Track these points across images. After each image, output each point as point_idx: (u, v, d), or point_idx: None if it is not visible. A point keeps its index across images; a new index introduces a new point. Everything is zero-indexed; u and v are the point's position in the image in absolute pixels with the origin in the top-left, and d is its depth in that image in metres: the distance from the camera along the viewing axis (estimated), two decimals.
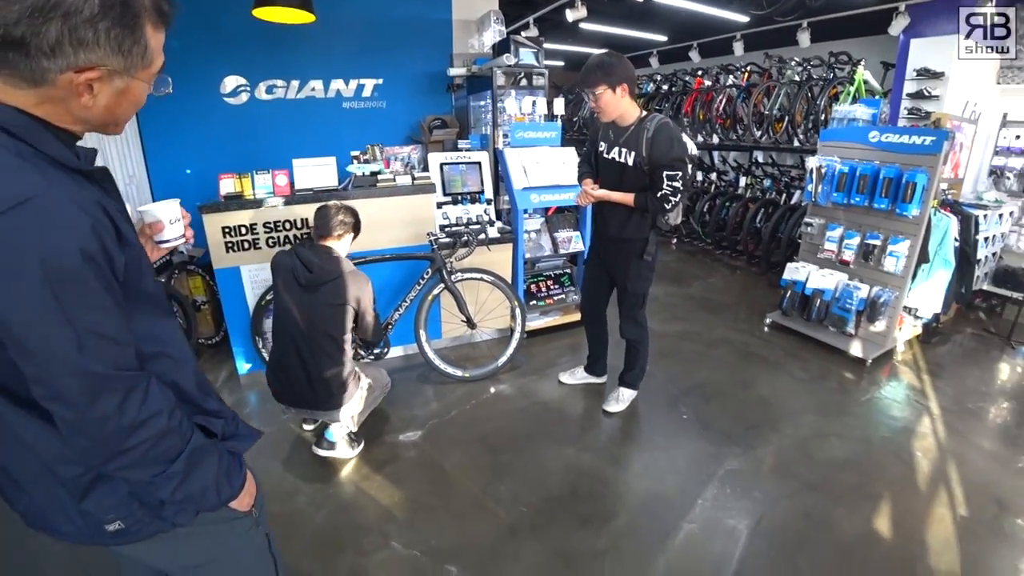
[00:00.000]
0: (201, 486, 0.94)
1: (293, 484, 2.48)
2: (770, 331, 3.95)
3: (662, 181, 2.29)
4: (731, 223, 5.58)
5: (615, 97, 2.32)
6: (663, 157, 2.28)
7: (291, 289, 2.41)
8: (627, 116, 2.40)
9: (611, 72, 2.26)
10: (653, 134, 2.30)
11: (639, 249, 2.57)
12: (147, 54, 0.83)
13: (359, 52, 4.48)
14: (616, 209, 2.56)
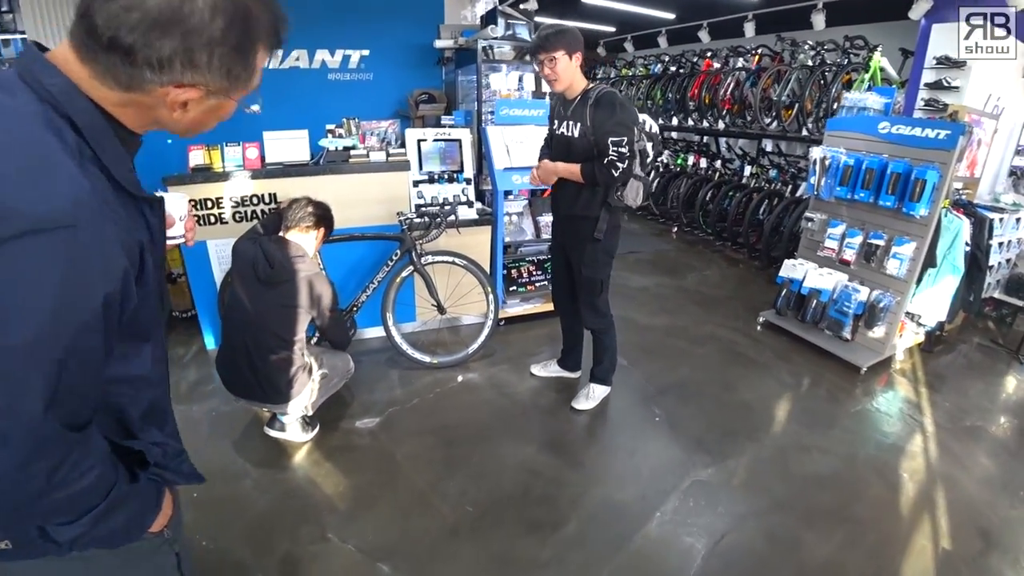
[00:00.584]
0: (108, 531, 0.86)
1: (242, 466, 2.41)
2: (762, 330, 3.75)
3: (607, 148, 2.19)
4: (733, 214, 5.32)
5: (570, 64, 2.24)
6: (606, 122, 2.20)
7: (247, 281, 2.30)
8: (575, 87, 2.32)
9: (569, 39, 2.20)
10: (595, 102, 2.23)
11: (590, 229, 2.42)
12: (252, 78, 0.78)
13: (346, 21, 4.29)
14: (566, 185, 2.45)
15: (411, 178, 3.34)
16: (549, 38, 2.19)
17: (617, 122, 2.18)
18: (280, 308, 2.29)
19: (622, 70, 7.83)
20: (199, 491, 2.19)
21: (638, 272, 4.96)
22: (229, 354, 2.40)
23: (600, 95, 2.23)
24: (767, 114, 5.09)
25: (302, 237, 2.38)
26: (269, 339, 2.30)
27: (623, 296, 4.33)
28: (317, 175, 3.15)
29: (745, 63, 5.52)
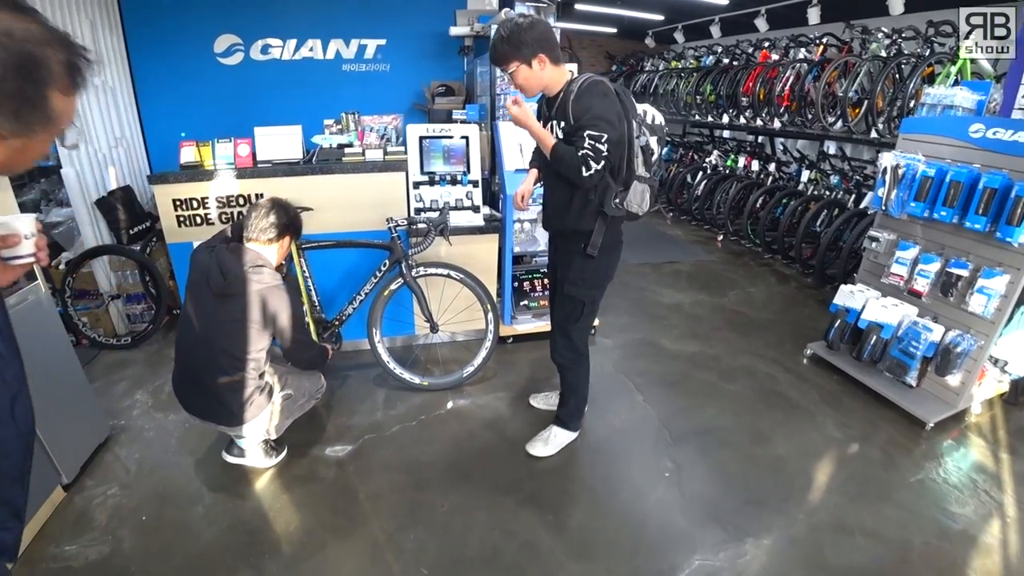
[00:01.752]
0: None
1: (198, 489, 2.26)
2: (809, 365, 3.21)
3: (583, 140, 1.81)
4: (785, 223, 4.71)
5: (533, 72, 1.90)
6: (584, 114, 1.84)
7: (199, 292, 2.09)
8: (555, 84, 1.96)
9: (520, 43, 1.84)
10: (576, 95, 1.86)
11: (582, 243, 2.07)
12: (53, 119, 0.77)
13: (361, 9, 4.07)
14: (555, 193, 2.09)
15: (412, 179, 3.05)
16: (496, 48, 1.88)
17: (596, 115, 1.81)
18: (230, 323, 2.05)
19: (671, 62, 7.24)
20: (147, 514, 2.12)
21: (672, 286, 4.47)
22: (180, 372, 2.21)
23: (583, 86, 1.86)
24: (831, 112, 4.45)
25: (263, 249, 2.13)
26: (220, 357, 2.07)
27: (650, 315, 3.89)
28: (307, 175, 2.93)
29: (808, 54, 4.88)
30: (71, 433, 2.30)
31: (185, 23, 3.77)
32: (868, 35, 4.33)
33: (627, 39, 8.95)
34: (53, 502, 2.14)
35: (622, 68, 8.57)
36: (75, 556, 1.93)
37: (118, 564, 1.90)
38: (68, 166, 3.24)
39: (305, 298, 2.88)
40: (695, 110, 6.39)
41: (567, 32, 8.58)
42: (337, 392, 2.93)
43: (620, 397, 2.88)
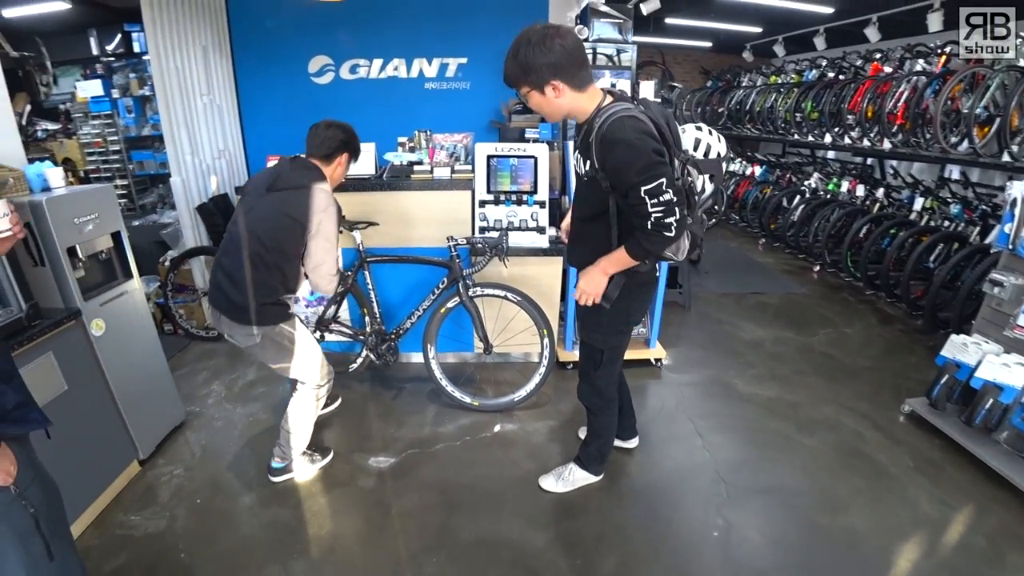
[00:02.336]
0: None
1: (249, 480, 2.42)
2: (906, 424, 2.79)
3: (644, 204, 1.51)
4: (891, 256, 4.18)
5: (547, 99, 1.61)
6: (626, 170, 1.52)
7: (252, 192, 2.11)
8: (580, 112, 1.67)
9: (529, 66, 1.56)
10: (601, 138, 1.56)
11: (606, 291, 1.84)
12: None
13: (444, 29, 4.18)
14: (579, 226, 1.90)
15: (477, 198, 3.06)
16: (506, 68, 1.63)
17: (640, 168, 1.49)
18: (275, 215, 2.00)
19: (770, 77, 6.77)
20: (202, 498, 2.29)
21: (755, 320, 4.12)
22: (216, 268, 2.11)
23: (605, 128, 1.55)
24: (953, 131, 3.91)
25: (322, 164, 2.14)
26: (255, 246, 1.99)
27: (725, 350, 3.60)
28: (376, 191, 3.01)
29: (927, 66, 4.32)
30: (151, 414, 2.55)
31: (284, 46, 4.09)
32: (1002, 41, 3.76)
33: (723, 53, 8.51)
34: (129, 474, 2.39)
35: (717, 84, 8.16)
36: (137, 526, 2.14)
37: (169, 541, 2.07)
38: (176, 175, 3.62)
39: (366, 309, 2.98)
40: (794, 128, 5.92)
41: (659, 47, 8.33)
42: (390, 403, 2.99)
43: (678, 439, 2.67)
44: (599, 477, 2.33)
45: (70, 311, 2.07)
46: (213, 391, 3.12)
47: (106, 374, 2.24)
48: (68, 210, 2.06)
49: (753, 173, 6.89)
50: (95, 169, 4.82)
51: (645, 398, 3.04)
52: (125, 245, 2.38)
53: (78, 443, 2.09)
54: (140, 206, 4.79)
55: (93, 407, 2.20)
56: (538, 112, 1.72)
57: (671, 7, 5.67)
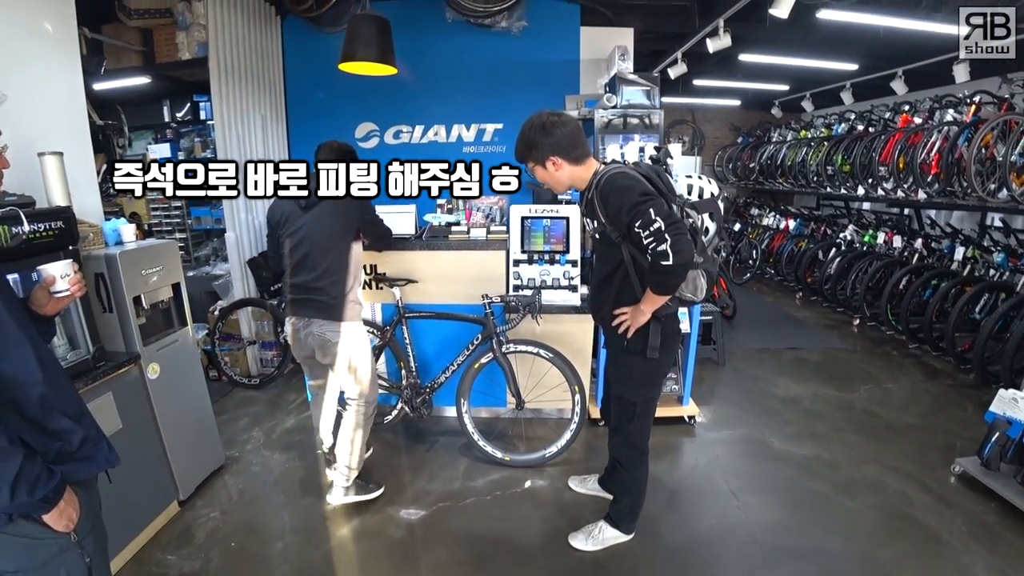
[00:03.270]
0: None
1: (283, 526, 2.48)
2: (957, 486, 2.65)
3: (640, 240, 1.68)
4: (934, 308, 4.06)
5: (549, 172, 1.88)
6: (620, 212, 1.73)
7: (288, 221, 2.41)
8: (579, 182, 1.91)
9: (533, 146, 1.85)
10: (600, 196, 1.79)
11: (634, 343, 1.93)
12: None
13: (482, 97, 4.49)
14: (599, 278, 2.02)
15: (512, 257, 3.17)
16: (516, 146, 1.92)
17: (629, 207, 1.69)
18: (326, 216, 2.35)
19: (800, 131, 6.86)
20: (236, 541, 2.35)
21: (791, 375, 4.03)
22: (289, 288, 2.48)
23: (601, 183, 1.79)
24: (990, 179, 3.86)
25: None
26: (318, 255, 2.36)
27: (760, 408, 3.53)
28: (416, 250, 3.16)
29: (957, 115, 4.33)
30: (193, 457, 2.66)
31: (333, 115, 4.45)
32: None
33: (752, 109, 8.69)
34: (169, 513, 2.49)
35: (748, 140, 8.30)
36: (172, 566, 2.21)
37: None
38: (231, 230, 3.91)
39: (403, 363, 3.08)
40: (827, 181, 5.93)
41: (689, 106, 8.58)
42: (423, 455, 3.03)
43: (711, 499, 2.61)
44: (630, 536, 2.29)
45: (131, 355, 2.25)
46: (252, 437, 3.23)
47: (157, 416, 2.38)
48: (137, 263, 2.27)
49: (787, 227, 6.87)
50: (158, 223, 5.24)
51: (678, 456, 2.99)
52: (183, 296, 2.58)
53: (126, 480, 2.19)
54: (195, 258, 5.13)
55: (142, 447, 2.33)
56: (544, 183, 1.95)
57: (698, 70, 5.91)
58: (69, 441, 1.22)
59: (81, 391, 1.97)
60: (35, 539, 1.18)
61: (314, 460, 2.99)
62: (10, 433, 1.08)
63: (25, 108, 2.19)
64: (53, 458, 1.18)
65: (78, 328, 2.06)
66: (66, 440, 1.21)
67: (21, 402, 1.13)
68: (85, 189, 2.45)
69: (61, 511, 1.17)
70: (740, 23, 4.03)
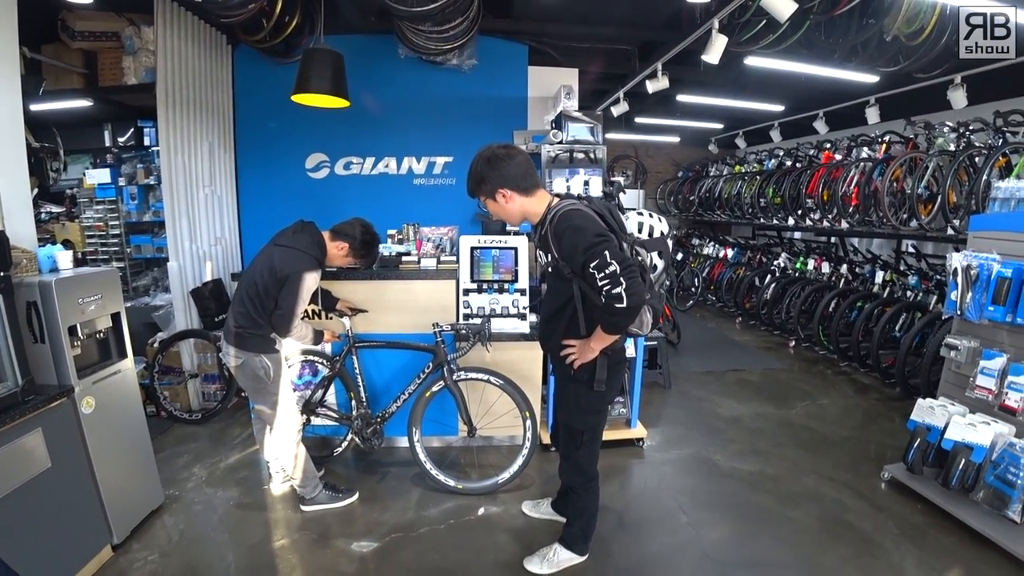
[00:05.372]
0: None
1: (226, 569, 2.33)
2: (887, 491, 2.83)
3: (595, 280, 1.69)
4: (859, 328, 4.38)
5: (500, 205, 1.91)
6: (575, 252, 1.73)
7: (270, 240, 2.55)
8: (532, 215, 1.94)
9: (482, 179, 1.88)
10: (554, 233, 1.81)
11: (580, 373, 1.96)
12: None
13: (433, 131, 4.59)
14: (548, 308, 2.05)
15: (461, 286, 3.21)
16: (467, 181, 1.96)
17: (583, 248, 1.70)
18: (264, 263, 2.41)
19: (735, 167, 7.35)
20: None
21: (734, 396, 4.21)
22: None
23: (555, 221, 1.80)
24: (901, 209, 4.26)
25: (328, 237, 2.56)
26: (247, 283, 2.43)
27: (706, 428, 3.66)
28: (367, 279, 3.14)
29: (871, 152, 4.79)
30: (129, 497, 2.50)
31: (283, 144, 4.45)
32: (932, 130, 4.23)
33: (691, 146, 9.25)
34: (101, 559, 2.30)
35: (688, 174, 8.79)
36: None
37: None
38: (174, 259, 3.77)
39: (353, 393, 3.03)
40: (760, 212, 6.35)
41: (632, 143, 9.03)
42: (374, 486, 2.95)
43: (661, 518, 2.66)
44: (584, 557, 2.30)
45: (63, 388, 2.12)
46: (194, 474, 3.06)
47: (90, 453, 2.23)
48: (74, 291, 2.17)
49: (726, 255, 7.27)
50: (93, 251, 4.99)
51: (627, 478, 3.05)
52: (123, 325, 2.47)
53: (52, 524, 2.05)
54: (133, 287, 4.90)
55: (73, 487, 2.17)
56: (497, 216, 1.99)
57: (640, 108, 6.28)
58: None
59: (7, 427, 1.85)
60: None
61: (261, 495, 2.86)
62: None
63: None
64: None
65: (5, 359, 1.93)
66: None
67: None
68: (18, 214, 2.33)
69: None
70: (677, 66, 4.34)
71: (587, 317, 1.89)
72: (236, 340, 2.44)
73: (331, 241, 2.54)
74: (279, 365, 2.55)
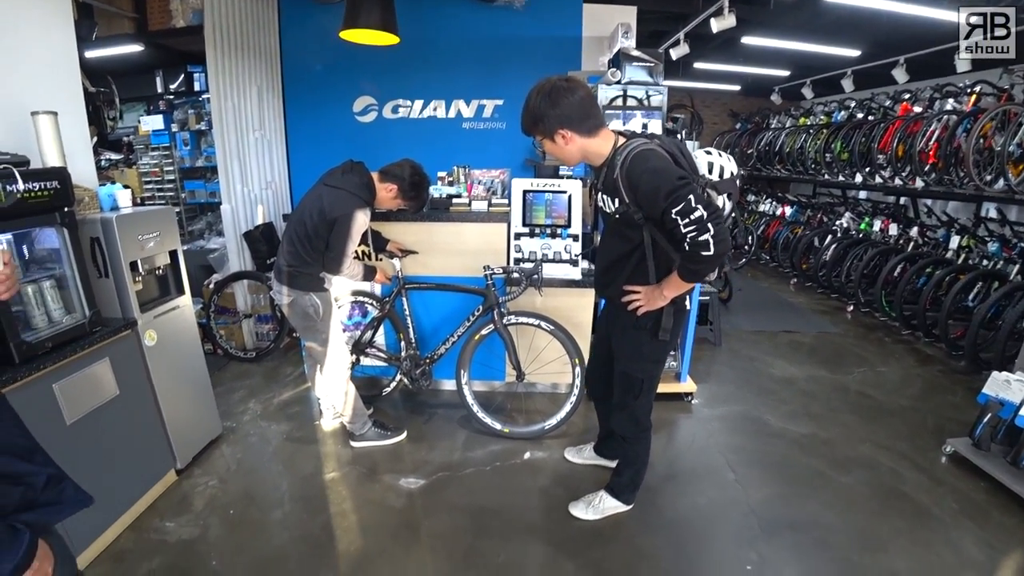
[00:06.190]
0: None
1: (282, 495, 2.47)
2: (948, 466, 2.70)
3: (678, 227, 1.57)
4: (927, 295, 4.11)
5: (557, 147, 1.75)
6: (655, 197, 1.59)
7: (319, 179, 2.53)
8: (594, 156, 1.77)
9: (540, 117, 1.69)
10: (628, 176, 1.65)
11: (645, 321, 1.89)
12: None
13: (482, 73, 4.41)
14: (610, 253, 1.93)
15: (512, 230, 3.16)
16: (522, 118, 1.77)
17: (667, 192, 1.56)
18: (313, 204, 2.39)
19: (800, 119, 6.86)
20: (235, 509, 2.34)
21: (786, 357, 4.07)
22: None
23: (628, 163, 1.65)
24: (987, 169, 3.89)
25: (380, 184, 2.51)
26: (296, 223, 2.43)
27: (758, 388, 3.56)
28: (417, 221, 3.13)
29: (957, 105, 4.35)
30: (191, 426, 2.65)
31: (331, 87, 4.37)
32: None
33: (752, 96, 8.68)
34: (166, 482, 2.48)
35: (747, 126, 8.30)
36: (171, 532, 2.21)
37: (201, 549, 2.13)
38: (227, 203, 3.84)
39: (402, 334, 3.07)
40: (824, 169, 5.95)
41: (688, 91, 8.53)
42: (421, 427, 3.03)
43: (709, 473, 2.63)
44: (630, 506, 2.31)
45: (127, 320, 2.22)
46: (249, 408, 3.21)
47: (153, 383, 2.35)
48: (134, 227, 2.23)
49: (783, 213, 6.90)
50: (151, 196, 5.16)
51: (675, 431, 3.02)
52: (180, 263, 2.54)
53: (123, 448, 2.20)
54: (189, 232, 5.07)
55: (139, 414, 2.31)
56: (553, 156, 1.84)
57: (700, 52, 5.88)
58: (31, 484, 1.00)
59: (79, 355, 1.95)
60: None
61: (312, 430, 2.98)
62: None
63: (18, 68, 2.13)
64: (15, 508, 0.97)
65: (74, 293, 2.02)
66: (28, 483, 1.00)
67: None
68: (79, 154, 2.39)
69: (35, 571, 0.97)
70: (745, 4, 4.00)
71: (658, 264, 1.80)
72: (287, 279, 2.47)
73: (380, 182, 2.50)
74: (328, 304, 2.58)
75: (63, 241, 1.96)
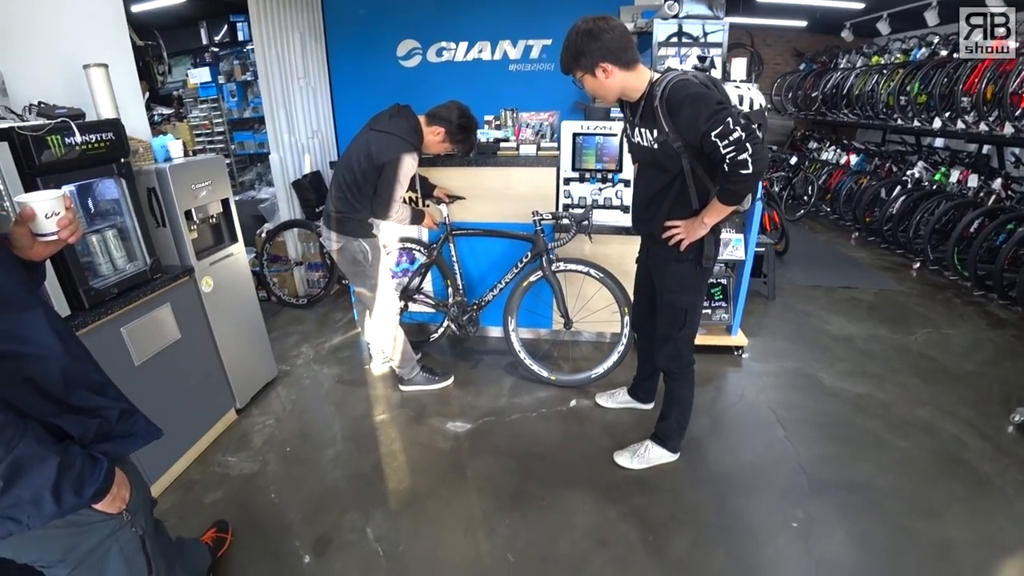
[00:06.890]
0: (33, 495, 0.90)
1: (335, 435, 2.60)
2: (1016, 435, 2.54)
3: (717, 149, 1.62)
4: (1006, 255, 3.79)
5: (599, 81, 1.76)
6: (696, 121, 1.64)
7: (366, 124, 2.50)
8: (632, 91, 1.80)
9: (581, 52, 1.73)
10: (668, 104, 1.69)
11: (687, 252, 1.93)
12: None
13: (529, 12, 4.19)
14: (647, 190, 1.97)
15: (562, 175, 3.07)
16: (562, 56, 1.80)
17: (708, 116, 1.61)
18: (361, 148, 2.38)
19: (872, 58, 6.27)
20: (291, 447, 2.48)
21: (844, 314, 3.89)
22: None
23: (670, 89, 1.68)
24: None
25: (424, 122, 2.47)
26: (343, 168, 2.45)
27: (812, 344, 3.43)
28: (464, 166, 3.08)
29: None
30: (248, 368, 2.78)
31: (374, 32, 4.26)
32: None
33: (819, 33, 7.94)
34: (227, 420, 2.65)
35: (812, 67, 7.66)
36: (233, 467, 2.37)
37: (260, 483, 2.28)
38: (275, 152, 3.89)
39: (450, 281, 3.09)
40: (898, 113, 5.47)
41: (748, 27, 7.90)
42: (468, 372, 3.09)
43: (758, 429, 2.59)
44: (676, 456, 2.32)
45: (185, 268, 2.30)
46: (302, 353, 3.35)
47: (212, 327, 2.46)
48: (187, 177, 2.28)
49: (848, 162, 6.44)
50: (202, 149, 5.29)
51: (724, 384, 2.97)
52: (232, 211, 2.60)
53: (187, 387, 2.33)
54: (240, 183, 5.19)
55: (200, 357, 2.43)
56: (594, 95, 1.86)
57: None
58: (107, 417, 1.06)
59: (140, 302, 2.04)
60: (84, 525, 1.07)
61: (362, 374, 3.10)
62: (35, 430, 0.90)
63: (68, 21, 2.15)
64: (93, 438, 1.03)
65: (135, 241, 2.10)
66: (103, 416, 1.06)
67: (40, 381, 0.95)
68: (132, 106, 2.42)
69: (114, 496, 1.06)
70: None
71: (699, 191, 1.84)
72: (336, 225, 2.50)
73: (427, 126, 2.45)
74: (377, 250, 2.60)
75: (122, 192, 2.02)
